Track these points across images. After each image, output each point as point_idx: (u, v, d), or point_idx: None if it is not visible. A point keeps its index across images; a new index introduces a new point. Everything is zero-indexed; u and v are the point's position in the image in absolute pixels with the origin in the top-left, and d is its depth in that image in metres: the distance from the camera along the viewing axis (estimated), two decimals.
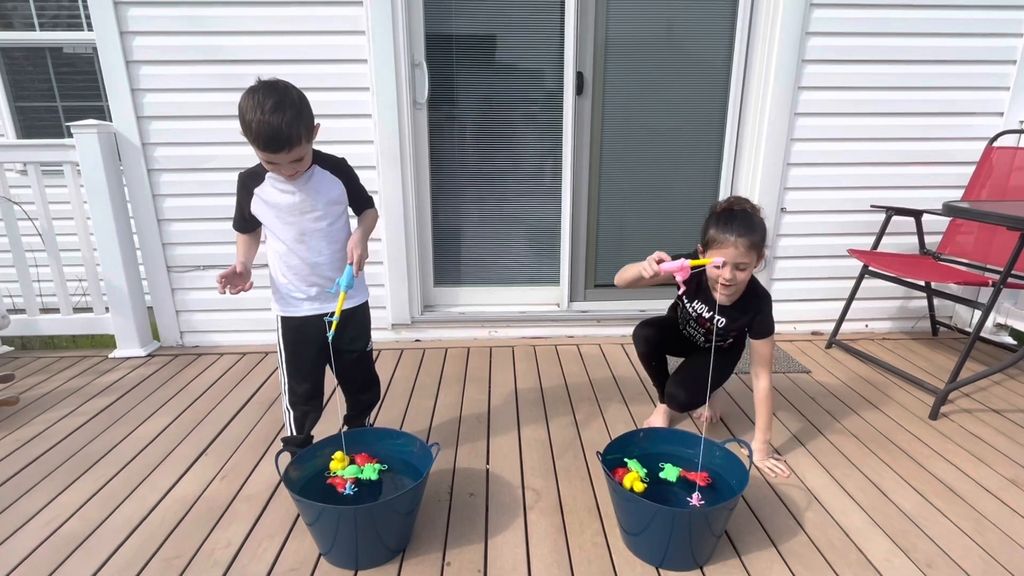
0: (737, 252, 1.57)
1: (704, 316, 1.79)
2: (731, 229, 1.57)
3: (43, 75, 3.62)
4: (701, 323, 1.83)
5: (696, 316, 1.82)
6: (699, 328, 1.85)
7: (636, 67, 2.69)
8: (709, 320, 1.78)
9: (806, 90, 2.62)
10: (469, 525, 1.55)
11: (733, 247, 1.57)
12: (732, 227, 1.57)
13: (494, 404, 2.22)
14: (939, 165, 2.76)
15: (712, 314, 1.76)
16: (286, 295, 1.60)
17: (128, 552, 1.45)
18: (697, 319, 1.83)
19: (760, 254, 1.61)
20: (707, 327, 1.81)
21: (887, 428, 2.05)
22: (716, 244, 1.60)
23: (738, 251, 1.57)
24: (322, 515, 1.37)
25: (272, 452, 1.88)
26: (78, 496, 1.67)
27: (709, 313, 1.77)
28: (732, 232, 1.57)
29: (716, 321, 1.76)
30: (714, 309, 1.74)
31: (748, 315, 1.74)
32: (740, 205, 1.62)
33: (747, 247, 1.57)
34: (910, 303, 2.98)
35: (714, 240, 1.61)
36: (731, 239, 1.57)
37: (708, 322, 1.79)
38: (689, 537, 1.37)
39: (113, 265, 2.61)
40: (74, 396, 2.30)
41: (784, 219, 2.80)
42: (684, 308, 1.86)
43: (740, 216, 1.59)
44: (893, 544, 1.48)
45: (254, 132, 1.34)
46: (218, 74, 2.46)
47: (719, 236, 1.59)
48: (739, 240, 1.56)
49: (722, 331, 1.78)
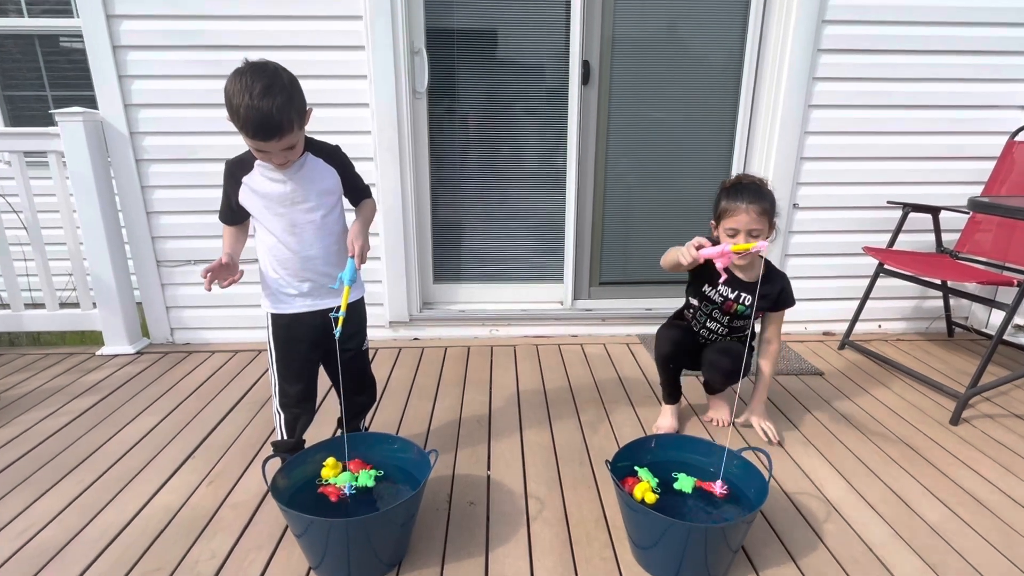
0: (749, 218, 1.63)
1: (730, 298, 1.80)
2: (742, 198, 1.64)
3: (32, 63, 3.51)
4: (727, 308, 1.81)
5: (721, 302, 1.81)
6: (723, 317, 1.84)
7: (645, 56, 2.58)
8: (736, 301, 1.79)
9: (821, 81, 2.52)
10: (469, 536, 1.46)
11: (745, 213, 1.63)
12: (743, 196, 1.64)
13: (495, 406, 2.13)
14: (958, 160, 2.66)
15: (738, 293, 1.78)
16: (277, 291, 1.51)
17: (104, 565, 1.36)
18: (722, 305, 1.81)
19: (771, 223, 1.68)
20: (733, 310, 1.81)
21: (906, 434, 1.96)
22: (728, 214, 1.66)
23: (750, 217, 1.63)
24: (311, 527, 1.28)
25: (262, 456, 1.79)
26: (55, 503, 1.58)
27: (735, 293, 1.78)
28: (743, 200, 1.63)
29: (742, 299, 1.78)
30: (739, 287, 1.77)
31: (774, 291, 1.80)
32: (749, 179, 1.69)
33: (759, 213, 1.63)
34: (925, 303, 2.89)
35: (726, 210, 1.67)
36: (743, 206, 1.63)
37: (735, 303, 1.80)
38: (704, 552, 1.28)
39: (100, 259, 2.51)
40: (57, 395, 2.21)
41: (796, 215, 2.70)
42: (705, 299, 1.84)
43: (749, 186, 1.66)
44: (921, 560, 1.39)
45: (242, 118, 1.24)
46: (209, 60, 2.36)
47: (731, 205, 1.65)
48: (750, 207, 1.62)
49: (747, 310, 1.79)
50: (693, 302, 1.90)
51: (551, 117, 2.66)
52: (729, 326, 1.85)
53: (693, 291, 1.90)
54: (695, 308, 1.89)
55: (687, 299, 1.96)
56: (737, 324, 1.85)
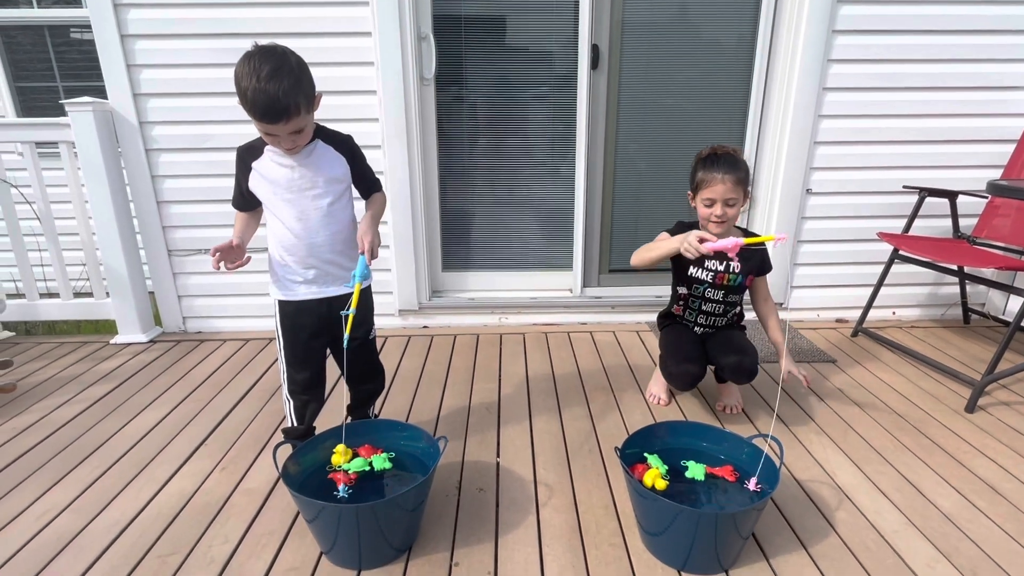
0: (725, 188, 1.70)
1: (720, 270, 1.84)
2: (718, 168, 1.71)
3: (43, 54, 3.53)
4: (719, 281, 1.85)
5: (712, 277, 1.86)
6: (717, 292, 1.87)
7: (655, 39, 2.54)
8: (726, 271, 1.84)
9: (836, 63, 2.47)
10: (479, 522, 1.46)
11: (721, 183, 1.70)
12: (718, 167, 1.71)
13: (504, 394, 2.13)
14: (976, 143, 2.60)
15: (727, 263, 1.84)
16: (283, 277, 1.51)
17: (121, 549, 1.38)
18: (714, 279, 1.86)
19: (746, 192, 1.75)
20: (726, 282, 1.85)
21: (920, 421, 1.94)
22: (705, 184, 1.73)
23: (726, 187, 1.69)
24: (322, 513, 1.28)
25: (274, 443, 1.80)
26: (72, 489, 1.61)
27: (724, 263, 1.84)
28: (719, 170, 1.70)
29: (732, 268, 1.83)
30: (725, 256, 1.82)
31: (758, 250, 1.85)
32: (723, 149, 1.75)
33: (734, 183, 1.70)
34: (940, 289, 2.84)
35: (703, 181, 1.74)
36: (718, 176, 1.70)
37: (726, 274, 1.84)
38: (715, 539, 1.27)
39: (112, 249, 2.53)
40: (73, 383, 2.24)
41: (809, 201, 2.66)
42: (694, 281, 1.88)
43: (724, 157, 1.72)
44: (934, 548, 1.38)
45: (250, 101, 1.25)
46: (216, 48, 2.35)
47: (707, 176, 1.72)
48: (726, 177, 1.69)
49: (740, 277, 1.84)
50: (682, 291, 1.94)
51: (560, 103, 2.62)
52: (725, 301, 1.88)
53: (678, 279, 1.95)
54: (686, 296, 1.93)
55: (674, 291, 1.99)
56: (733, 298, 1.89)
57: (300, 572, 1.31)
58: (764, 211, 2.72)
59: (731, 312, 1.93)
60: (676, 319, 2.01)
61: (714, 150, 1.75)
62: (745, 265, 1.83)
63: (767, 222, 2.71)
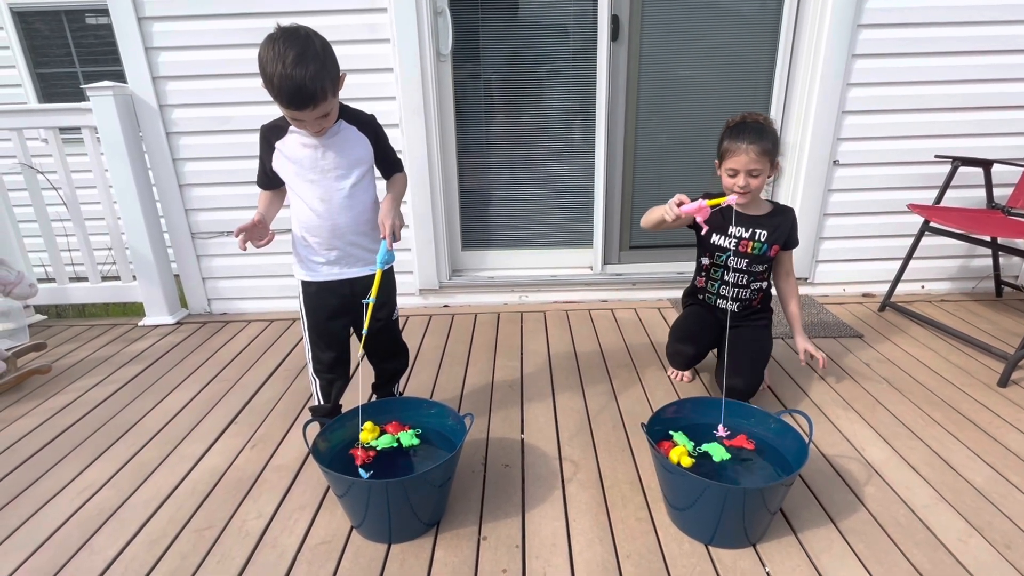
0: (749, 159, 1.64)
1: (745, 237, 1.80)
2: (743, 138, 1.65)
3: (61, 39, 3.55)
4: (743, 249, 1.81)
5: (736, 244, 1.81)
6: (741, 260, 1.82)
7: (676, 8, 2.47)
8: (751, 238, 1.80)
9: (865, 28, 2.38)
10: (505, 498, 1.48)
11: (745, 154, 1.64)
12: (744, 136, 1.65)
13: (527, 371, 2.14)
14: (1012, 109, 2.50)
15: (752, 230, 1.79)
16: (306, 258, 1.52)
17: (159, 523, 1.43)
18: (737, 247, 1.81)
19: (773, 162, 1.68)
20: (750, 249, 1.81)
21: (951, 396, 1.90)
22: (729, 154, 1.68)
23: (749, 157, 1.64)
24: (352, 488, 1.31)
25: (302, 421, 1.83)
26: (109, 466, 1.65)
27: (749, 230, 1.79)
28: (744, 140, 1.64)
29: (757, 236, 1.79)
30: (751, 224, 1.79)
31: (786, 221, 1.81)
32: (753, 117, 1.69)
33: (758, 153, 1.64)
34: (972, 262, 2.77)
35: (727, 151, 1.69)
36: (743, 146, 1.64)
37: (751, 241, 1.80)
38: (742, 514, 1.27)
39: (137, 232, 2.57)
40: (105, 364, 2.29)
41: (836, 173, 2.59)
42: (717, 249, 1.83)
43: (752, 126, 1.67)
44: (966, 522, 1.36)
45: (276, 88, 1.24)
46: (233, 29, 2.34)
47: (732, 145, 1.67)
48: (750, 147, 1.63)
49: (765, 246, 1.79)
50: (705, 262, 1.91)
51: (579, 76, 2.58)
52: (748, 271, 1.83)
53: (702, 249, 1.90)
54: (708, 267, 1.89)
55: (698, 263, 1.95)
56: (756, 268, 1.83)
57: (332, 545, 1.34)
58: (790, 183, 2.66)
59: (755, 284, 1.86)
60: (699, 295, 1.97)
61: (743, 117, 1.70)
62: (772, 235, 1.79)
63: (792, 194, 2.65)
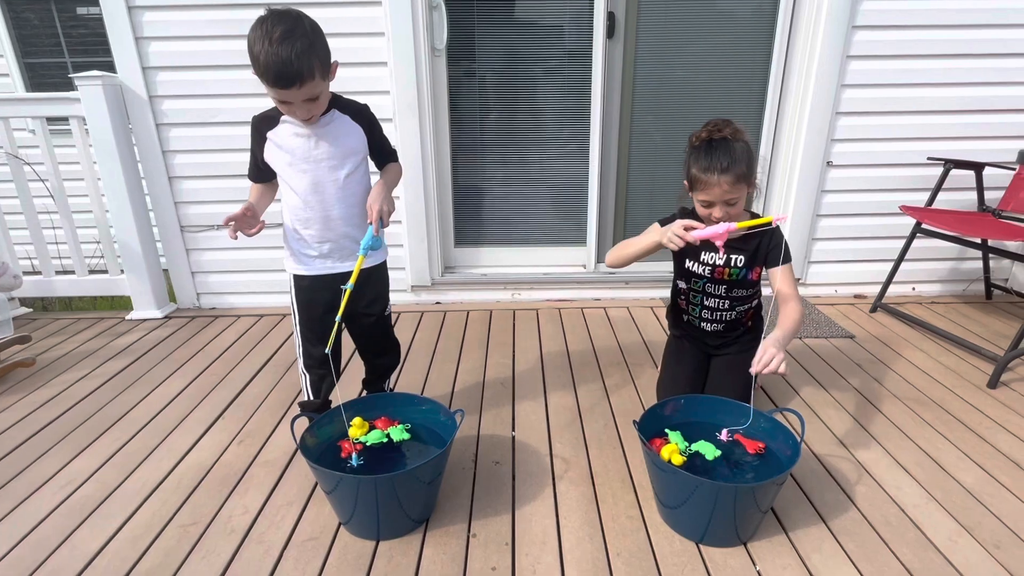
0: (723, 190, 1.46)
1: (719, 264, 1.64)
2: (713, 167, 1.46)
3: (50, 29, 3.50)
4: (718, 275, 1.65)
5: (710, 273, 1.65)
6: (718, 288, 1.67)
7: (673, 6, 2.47)
8: (726, 264, 1.63)
9: (860, 29, 2.38)
10: (495, 495, 1.46)
11: (718, 187, 1.46)
12: (714, 164, 1.46)
13: (518, 369, 2.13)
14: (1004, 113, 2.52)
15: (727, 256, 1.62)
16: (298, 251, 1.50)
17: (143, 518, 1.40)
18: (712, 275, 1.66)
19: (749, 183, 1.50)
20: (726, 276, 1.64)
21: (941, 397, 1.91)
22: (701, 185, 1.50)
23: (723, 189, 1.46)
24: (340, 484, 1.29)
25: (290, 416, 1.81)
26: (94, 460, 1.63)
27: (724, 256, 1.62)
28: (714, 171, 1.46)
29: (734, 261, 1.62)
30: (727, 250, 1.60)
31: (767, 242, 1.59)
32: (720, 132, 1.49)
33: (732, 183, 1.46)
34: (962, 264, 2.78)
35: (697, 180, 1.50)
36: (714, 178, 1.46)
37: (726, 268, 1.63)
38: (733, 512, 1.26)
39: (126, 225, 2.53)
40: (91, 358, 2.26)
41: (829, 174, 2.60)
42: (692, 276, 1.69)
43: (720, 148, 1.46)
44: (955, 522, 1.37)
45: (262, 65, 1.22)
46: (223, 19, 2.31)
47: (701, 176, 1.48)
48: (722, 178, 1.45)
49: (744, 270, 1.63)
50: (682, 285, 1.75)
51: (574, 74, 2.57)
52: (729, 297, 1.67)
53: (678, 272, 1.75)
54: (686, 291, 1.74)
55: (674, 285, 1.80)
56: (739, 293, 1.67)
57: (319, 542, 1.32)
58: (783, 184, 2.66)
59: (739, 307, 1.71)
60: (683, 315, 1.81)
61: (709, 134, 1.49)
62: (748, 255, 1.60)
63: (785, 197, 2.65)
